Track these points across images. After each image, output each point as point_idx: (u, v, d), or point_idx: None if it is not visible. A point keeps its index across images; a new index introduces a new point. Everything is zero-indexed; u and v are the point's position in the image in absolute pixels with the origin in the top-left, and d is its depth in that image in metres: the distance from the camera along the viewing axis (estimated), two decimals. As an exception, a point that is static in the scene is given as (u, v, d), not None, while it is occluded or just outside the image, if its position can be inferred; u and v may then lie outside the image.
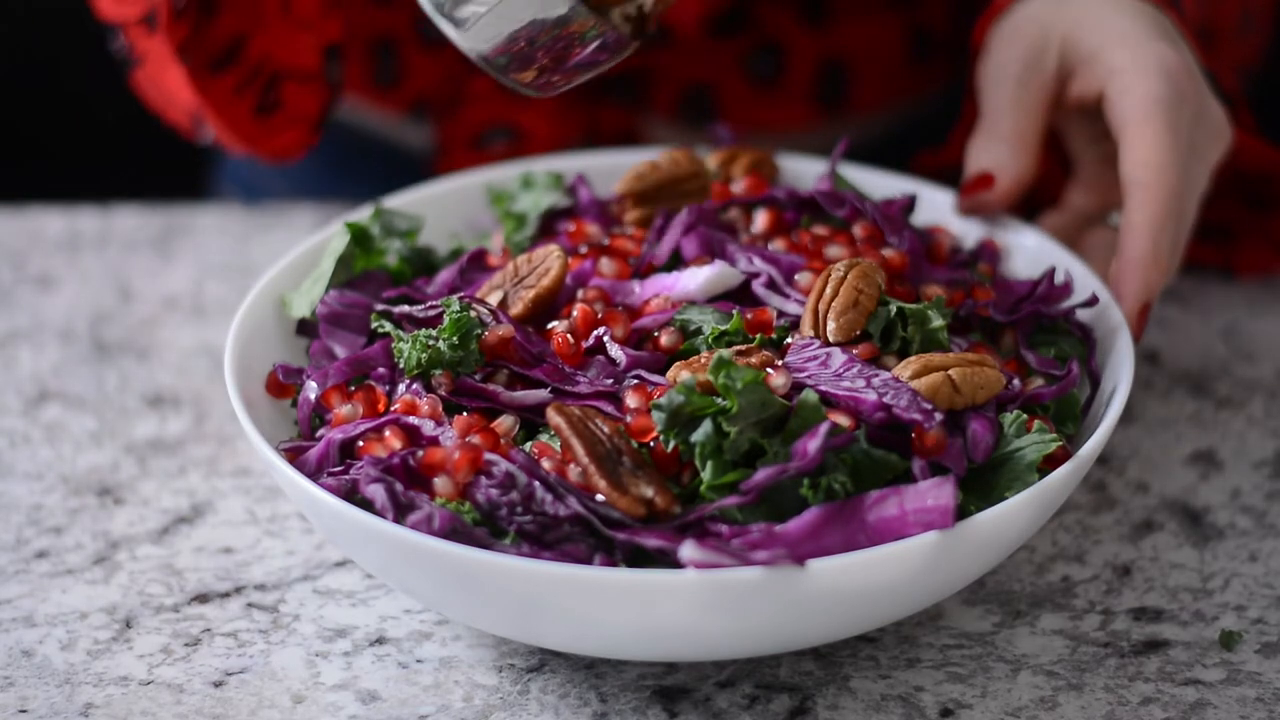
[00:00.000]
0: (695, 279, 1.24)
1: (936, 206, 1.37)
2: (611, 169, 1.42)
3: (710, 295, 1.24)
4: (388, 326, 1.23)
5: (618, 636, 1.11)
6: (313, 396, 1.21)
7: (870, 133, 1.60)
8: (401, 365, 1.20)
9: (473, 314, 1.19)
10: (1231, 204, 1.47)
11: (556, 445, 1.15)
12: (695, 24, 1.60)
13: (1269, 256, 1.50)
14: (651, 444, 1.14)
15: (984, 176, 1.33)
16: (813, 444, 1.10)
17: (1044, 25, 1.34)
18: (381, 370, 1.22)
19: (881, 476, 1.12)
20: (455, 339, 1.18)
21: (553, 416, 1.13)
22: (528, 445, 1.16)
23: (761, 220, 1.30)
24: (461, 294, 1.24)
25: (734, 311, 1.21)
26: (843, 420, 1.12)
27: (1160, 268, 1.27)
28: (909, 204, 1.32)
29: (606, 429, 1.13)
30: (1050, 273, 1.27)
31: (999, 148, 1.33)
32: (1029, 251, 1.34)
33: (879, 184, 1.40)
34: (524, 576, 1.07)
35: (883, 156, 1.50)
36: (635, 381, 1.18)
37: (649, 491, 1.10)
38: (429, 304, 1.23)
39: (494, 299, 1.24)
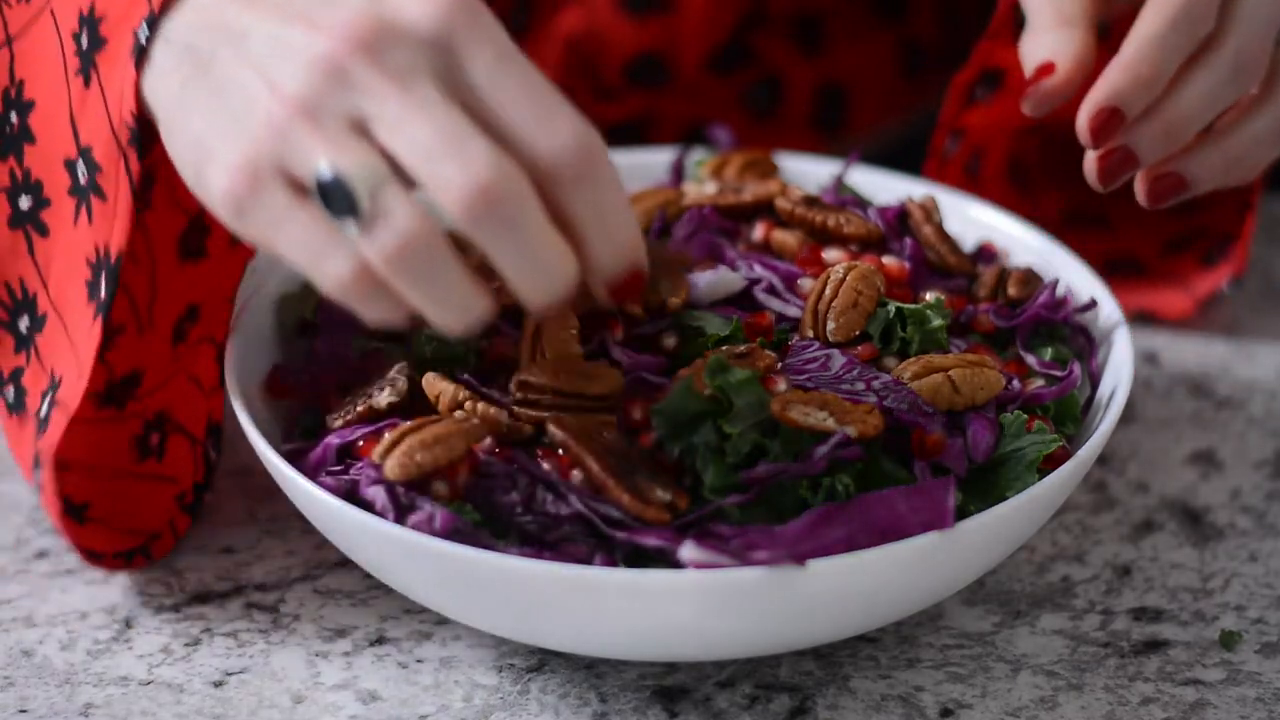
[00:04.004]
0: (698, 282, 1.23)
1: (943, 209, 1.36)
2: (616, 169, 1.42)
3: (713, 299, 1.24)
4: (375, 341, 1.23)
5: (618, 636, 1.11)
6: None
7: (867, 151, 1.60)
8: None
9: None
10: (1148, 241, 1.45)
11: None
12: (697, 63, 1.59)
13: (1184, 301, 1.47)
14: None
15: (1043, 66, 1.26)
16: (821, 450, 1.10)
17: None
18: None
19: (885, 482, 1.12)
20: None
21: (554, 432, 1.13)
22: (527, 446, 1.16)
23: (760, 228, 1.30)
24: None
25: (734, 317, 1.21)
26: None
27: (1136, 71, 1.21)
28: (902, 212, 1.31)
29: (608, 433, 1.13)
30: (1052, 285, 1.26)
31: (1047, 38, 1.27)
32: (1029, 253, 1.34)
33: (886, 186, 1.39)
34: (525, 576, 1.07)
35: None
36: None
37: (668, 496, 1.10)
38: None
39: None
